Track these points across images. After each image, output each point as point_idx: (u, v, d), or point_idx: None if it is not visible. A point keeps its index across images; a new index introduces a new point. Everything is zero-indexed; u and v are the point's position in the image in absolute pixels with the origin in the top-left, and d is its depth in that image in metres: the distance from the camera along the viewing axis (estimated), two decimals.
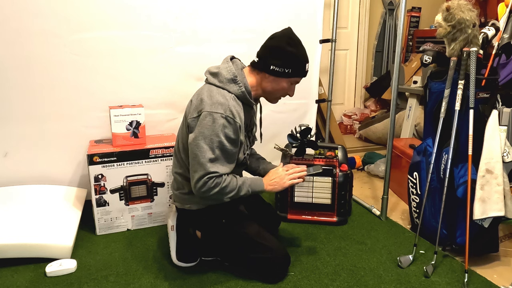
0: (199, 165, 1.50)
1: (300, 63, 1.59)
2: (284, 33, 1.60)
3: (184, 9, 2.26)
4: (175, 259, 1.77)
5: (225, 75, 1.58)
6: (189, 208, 1.70)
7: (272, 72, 1.57)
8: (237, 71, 1.59)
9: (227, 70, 1.59)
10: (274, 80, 1.59)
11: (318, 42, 2.65)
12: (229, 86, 1.57)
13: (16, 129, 2.10)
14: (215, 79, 1.59)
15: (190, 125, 1.55)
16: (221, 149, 1.51)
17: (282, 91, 1.64)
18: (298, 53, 1.58)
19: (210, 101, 1.52)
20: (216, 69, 1.62)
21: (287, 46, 1.55)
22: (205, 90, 1.58)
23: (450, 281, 1.68)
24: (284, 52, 1.55)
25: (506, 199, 1.73)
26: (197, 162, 1.51)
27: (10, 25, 1.97)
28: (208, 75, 1.63)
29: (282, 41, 1.56)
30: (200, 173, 1.50)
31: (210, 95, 1.54)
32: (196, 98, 1.60)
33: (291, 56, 1.56)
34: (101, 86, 2.19)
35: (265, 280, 1.67)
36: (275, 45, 1.57)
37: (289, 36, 1.58)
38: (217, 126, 1.49)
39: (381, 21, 4.19)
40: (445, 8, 1.76)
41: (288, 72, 1.57)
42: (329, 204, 2.19)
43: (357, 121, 4.14)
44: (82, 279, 1.69)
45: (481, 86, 1.76)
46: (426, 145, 1.96)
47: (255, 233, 1.69)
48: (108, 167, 2.02)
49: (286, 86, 1.62)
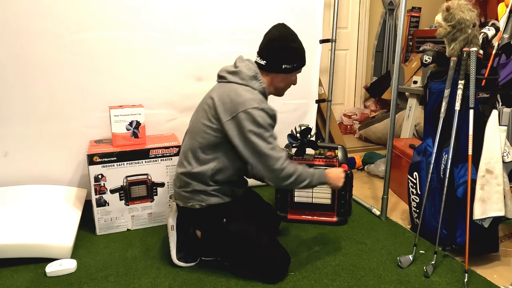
0: (267, 158, 1.54)
1: (303, 55, 1.71)
2: (282, 31, 1.67)
3: (184, 9, 2.26)
4: (175, 259, 1.77)
5: (246, 72, 1.63)
6: (192, 206, 1.69)
7: (284, 70, 1.66)
8: (256, 69, 1.65)
9: (247, 68, 1.64)
10: (285, 77, 1.69)
11: (318, 42, 2.65)
12: (251, 83, 1.62)
13: (16, 129, 2.11)
14: (236, 77, 1.63)
15: (227, 128, 1.56)
16: (272, 137, 1.59)
17: (291, 83, 1.75)
18: (300, 46, 1.68)
19: (241, 99, 1.56)
20: (234, 68, 1.66)
21: (291, 43, 1.65)
22: (228, 90, 1.61)
23: (450, 281, 1.68)
24: (291, 50, 1.65)
25: (506, 199, 1.73)
26: (264, 158, 1.54)
27: (10, 25, 1.97)
28: (226, 75, 1.66)
29: (286, 41, 1.65)
30: (273, 164, 1.54)
31: (237, 94, 1.58)
32: (220, 98, 1.60)
33: (297, 51, 1.67)
34: (101, 86, 2.19)
35: (265, 280, 1.67)
36: (282, 46, 1.65)
37: (289, 33, 1.67)
38: (259, 120, 1.54)
39: (381, 21, 4.20)
40: (445, 8, 1.76)
41: (296, 66, 1.68)
42: (329, 204, 2.19)
43: (357, 121, 4.14)
44: (82, 279, 1.69)
45: (481, 86, 1.76)
46: (426, 145, 1.96)
47: (255, 233, 1.69)
48: (108, 167, 2.02)
49: (294, 78, 1.74)
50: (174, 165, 2.13)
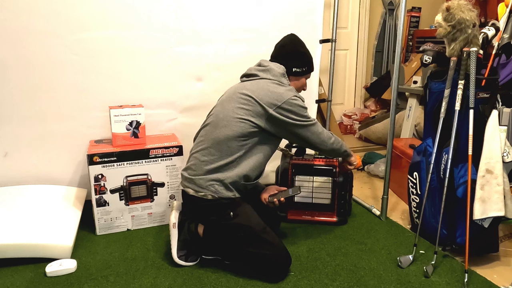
0: (313, 127, 1.80)
1: (311, 60, 1.91)
2: (292, 39, 1.89)
3: (184, 9, 2.26)
4: (176, 258, 1.77)
5: (277, 69, 1.81)
6: (203, 196, 1.70)
7: (295, 73, 1.86)
8: (284, 68, 1.84)
9: (277, 66, 1.82)
10: (297, 79, 1.89)
11: (318, 42, 2.65)
12: (281, 79, 1.81)
13: (16, 129, 2.11)
14: (269, 74, 1.80)
15: (275, 116, 1.72)
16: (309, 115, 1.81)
17: (301, 88, 1.94)
18: (308, 52, 1.90)
19: (281, 91, 1.74)
20: (264, 67, 1.83)
21: (300, 48, 1.88)
22: (265, 85, 1.76)
23: (450, 281, 1.68)
24: (300, 54, 1.87)
25: (506, 199, 1.73)
26: (311, 129, 1.80)
27: (10, 25, 1.97)
28: (257, 72, 1.82)
29: (296, 46, 1.87)
30: (320, 133, 1.82)
31: (275, 87, 1.75)
32: (260, 93, 1.73)
33: (305, 56, 1.88)
34: (101, 86, 2.19)
35: (266, 279, 1.67)
36: (292, 50, 1.86)
37: (298, 40, 1.89)
38: (301, 104, 1.77)
39: (381, 21, 4.20)
40: (445, 8, 1.76)
41: (305, 70, 1.88)
42: (329, 204, 2.19)
43: (357, 121, 4.14)
44: (82, 279, 1.69)
45: (481, 86, 1.76)
46: (426, 145, 1.96)
47: (260, 228, 1.70)
48: (108, 167, 2.02)
49: (305, 81, 1.93)
50: (174, 165, 2.13)
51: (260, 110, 1.72)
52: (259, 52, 2.06)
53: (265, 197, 1.87)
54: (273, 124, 1.75)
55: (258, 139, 1.75)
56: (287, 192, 1.86)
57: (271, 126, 1.75)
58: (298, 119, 1.76)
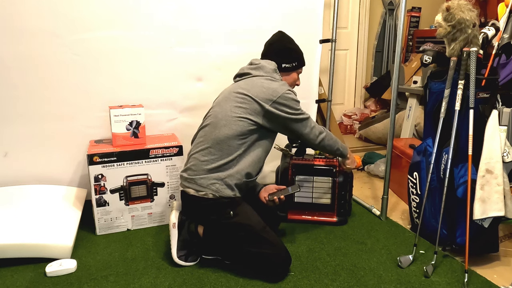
0: (306, 121, 1.83)
1: (301, 55, 1.93)
2: (280, 36, 1.93)
3: (185, 9, 2.26)
4: (176, 258, 1.77)
5: (268, 66, 1.85)
6: (204, 195, 1.70)
7: (285, 69, 1.89)
8: (275, 64, 1.87)
9: (268, 63, 1.86)
10: (287, 75, 1.91)
11: (318, 42, 2.65)
12: (274, 75, 1.85)
13: (16, 129, 2.11)
14: (261, 71, 1.83)
15: (271, 110, 1.75)
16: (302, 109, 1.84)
17: (294, 83, 1.96)
18: (296, 47, 1.93)
19: (275, 86, 1.77)
20: (256, 65, 1.86)
21: (288, 44, 1.91)
22: (259, 82, 1.78)
23: (450, 281, 1.68)
24: (289, 50, 1.90)
25: (506, 199, 1.73)
26: (302, 122, 1.81)
27: (10, 25, 1.97)
28: (250, 71, 1.85)
29: (283, 43, 1.91)
30: (312, 127, 1.84)
31: (269, 83, 1.78)
32: (255, 90, 1.75)
33: (294, 51, 1.91)
34: (101, 86, 2.19)
35: (266, 279, 1.67)
36: (280, 47, 1.90)
37: (286, 37, 1.93)
38: (294, 97, 1.80)
39: (381, 21, 4.20)
40: (445, 8, 1.76)
41: (295, 66, 1.91)
42: (329, 204, 2.19)
43: (357, 121, 4.14)
44: (82, 279, 1.69)
45: (481, 86, 1.76)
46: (426, 145, 1.96)
47: (260, 227, 1.71)
48: (108, 167, 2.02)
49: (296, 77, 1.95)
50: (174, 165, 2.13)
51: (257, 107, 1.74)
52: (259, 52, 2.05)
53: (265, 196, 1.88)
54: (269, 119, 1.77)
55: (257, 135, 1.78)
56: (287, 190, 1.86)
57: (268, 121, 1.77)
58: (293, 113, 1.79)
